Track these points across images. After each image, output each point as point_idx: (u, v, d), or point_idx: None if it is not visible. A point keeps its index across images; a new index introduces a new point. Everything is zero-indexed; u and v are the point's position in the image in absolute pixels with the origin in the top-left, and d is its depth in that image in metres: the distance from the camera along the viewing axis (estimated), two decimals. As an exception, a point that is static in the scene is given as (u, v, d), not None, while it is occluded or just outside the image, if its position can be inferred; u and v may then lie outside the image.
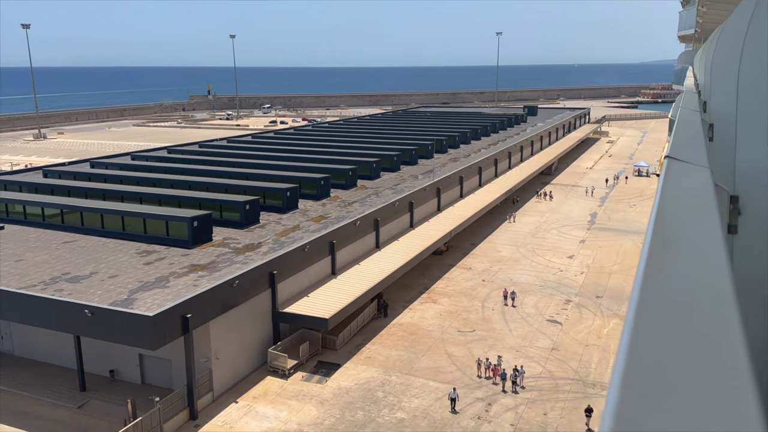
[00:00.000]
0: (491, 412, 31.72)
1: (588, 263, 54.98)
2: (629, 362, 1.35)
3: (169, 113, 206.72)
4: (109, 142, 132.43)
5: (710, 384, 1.27)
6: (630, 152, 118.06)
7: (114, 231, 43.07)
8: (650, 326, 1.54)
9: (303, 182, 54.33)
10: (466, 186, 68.76)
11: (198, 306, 31.49)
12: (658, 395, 1.22)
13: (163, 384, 34.31)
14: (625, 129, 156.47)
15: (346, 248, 45.22)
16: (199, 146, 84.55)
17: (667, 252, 2.16)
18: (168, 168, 63.20)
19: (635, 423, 1.13)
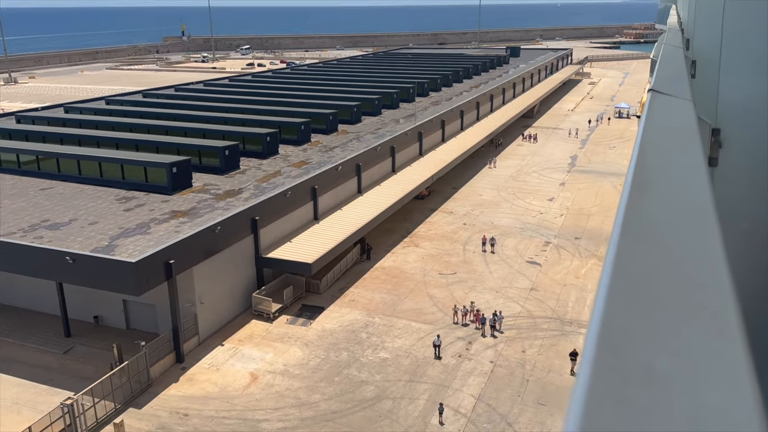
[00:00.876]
0: (471, 350, 32.65)
1: (567, 205, 55.66)
2: (614, 284, 1.37)
3: (143, 56, 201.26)
4: (82, 86, 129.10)
5: (693, 302, 1.30)
6: (611, 94, 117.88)
7: (91, 177, 42.53)
8: (634, 251, 1.56)
9: (283, 127, 53.72)
10: (448, 130, 68.50)
11: (180, 252, 31.55)
12: (643, 314, 1.25)
13: (148, 329, 34.66)
14: (606, 70, 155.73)
15: (328, 193, 45.23)
16: (175, 90, 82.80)
17: (650, 181, 2.20)
18: (144, 113, 61.98)
19: (620, 339, 1.15)
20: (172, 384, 30.36)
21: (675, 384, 1.01)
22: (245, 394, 29.30)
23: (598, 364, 1.07)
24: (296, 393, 29.32)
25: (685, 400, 0.97)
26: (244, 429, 26.90)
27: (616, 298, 1.30)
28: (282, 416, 27.68)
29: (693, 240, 1.64)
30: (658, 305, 1.29)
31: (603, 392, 0.99)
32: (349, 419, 27.36)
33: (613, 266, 1.44)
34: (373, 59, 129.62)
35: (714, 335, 1.17)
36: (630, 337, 1.17)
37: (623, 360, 1.09)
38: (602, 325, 1.20)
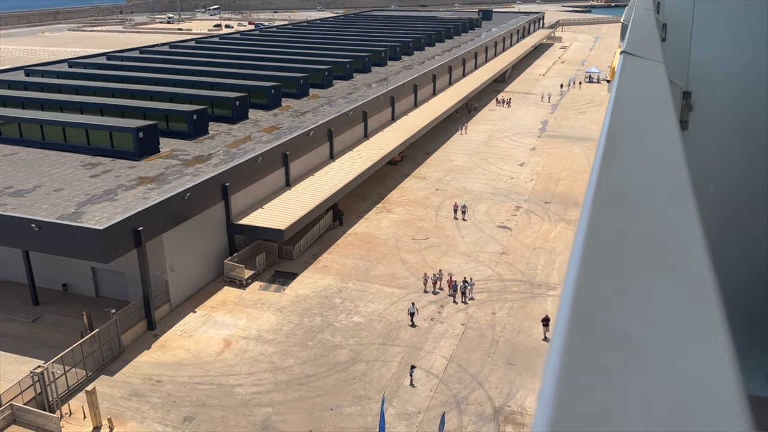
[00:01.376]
0: (443, 314, 33.12)
1: (538, 170, 56.16)
2: (587, 249, 1.35)
3: (106, 17, 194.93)
4: (43, 49, 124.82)
5: (667, 266, 1.28)
6: (582, 58, 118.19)
7: (55, 143, 41.45)
8: (606, 216, 1.55)
9: (252, 91, 52.80)
10: (420, 94, 68.14)
11: (149, 219, 31.16)
12: (616, 279, 1.23)
13: (118, 296, 34.37)
14: (578, 34, 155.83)
15: (299, 159, 44.88)
16: (140, 52, 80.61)
17: (623, 144, 2.19)
18: (108, 76, 60.28)
19: (594, 304, 1.14)
20: (144, 351, 30.29)
21: (649, 349, 1.00)
22: (219, 360, 29.40)
23: (572, 331, 1.05)
24: (270, 358, 29.51)
25: (659, 366, 0.95)
26: (219, 394, 27.06)
27: (589, 264, 1.28)
28: (256, 381, 27.88)
29: (666, 204, 1.63)
30: (631, 270, 1.27)
31: (577, 359, 0.97)
32: (323, 382, 27.70)
33: (586, 231, 1.43)
34: (344, 22, 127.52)
35: (688, 299, 1.15)
36: (603, 303, 1.15)
37: (597, 326, 1.07)
38: (575, 291, 1.18)
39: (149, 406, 26.42)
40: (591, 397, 0.88)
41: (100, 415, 25.52)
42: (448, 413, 24.94)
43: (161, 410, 26.16)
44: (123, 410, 26.20)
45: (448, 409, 25.59)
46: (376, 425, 24.57)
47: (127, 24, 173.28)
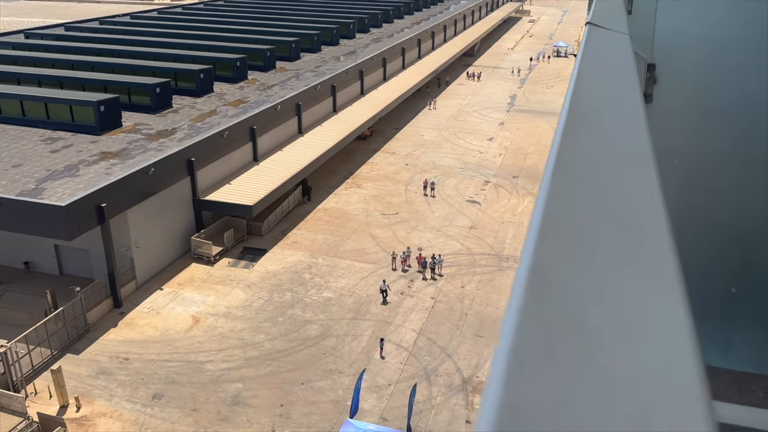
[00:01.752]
0: (413, 288, 33.38)
1: (506, 145, 56.53)
2: (544, 226, 1.28)
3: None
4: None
5: (629, 245, 1.22)
6: (550, 32, 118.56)
7: (13, 117, 40.17)
8: (566, 191, 1.49)
9: (217, 63, 51.76)
10: (389, 68, 67.69)
11: (113, 195, 30.60)
12: (575, 258, 1.17)
13: (82, 274, 33.80)
14: (546, 8, 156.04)
15: (267, 134, 44.36)
16: (99, 23, 78.16)
17: (585, 115, 2.13)
18: (67, 47, 58.34)
19: (549, 286, 1.07)
20: (110, 329, 29.95)
21: (606, 336, 0.93)
22: (187, 337, 29.23)
23: (524, 316, 0.98)
24: (240, 334, 29.44)
25: (615, 355, 0.89)
26: (188, 371, 26.96)
27: (546, 242, 1.21)
28: (226, 357, 27.83)
29: (629, 179, 1.56)
30: (590, 248, 1.21)
31: (528, 349, 0.90)
32: (294, 357, 27.79)
33: (544, 207, 1.36)
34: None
35: (649, 279, 1.09)
36: (560, 284, 1.08)
37: (551, 310, 1.00)
38: (531, 271, 1.10)
39: (117, 384, 26.20)
40: (541, 389, 0.82)
41: (67, 394, 25.26)
42: (418, 384, 25.29)
43: (129, 388, 25.98)
44: (90, 389, 25.95)
45: (418, 381, 25.95)
46: (347, 398, 24.81)
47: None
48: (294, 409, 24.85)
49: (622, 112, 2.22)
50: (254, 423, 24.15)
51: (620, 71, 2.86)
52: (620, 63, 3.04)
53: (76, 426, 24.09)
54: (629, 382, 0.82)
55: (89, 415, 24.68)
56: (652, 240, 1.23)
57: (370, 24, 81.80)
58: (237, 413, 24.63)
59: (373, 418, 24.24)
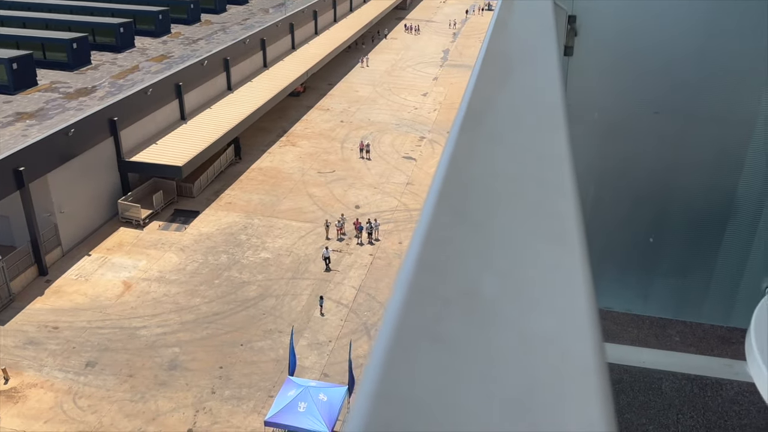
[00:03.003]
0: (351, 246, 33.55)
1: (440, 100, 56.76)
2: (445, 184, 1.17)
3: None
4: None
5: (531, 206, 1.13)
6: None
7: None
8: (470, 144, 1.40)
9: (138, 16, 49.30)
10: (320, 21, 66.27)
11: (31, 158, 29.21)
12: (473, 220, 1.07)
13: (3, 242, 32.23)
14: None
15: (194, 91, 42.96)
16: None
17: (498, 69, 2.03)
18: (-30, 0, 54.37)
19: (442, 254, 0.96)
20: (37, 298, 28.92)
21: (498, 309, 0.84)
22: (119, 303, 28.58)
23: (412, 289, 0.87)
24: (174, 298, 29.00)
25: (507, 328, 0.80)
26: (122, 337, 26.45)
27: (444, 201, 1.11)
28: (161, 322, 27.42)
29: (537, 138, 1.47)
30: (491, 209, 1.10)
31: (413, 323, 0.80)
32: (232, 319, 27.65)
33: (445, 170, 1.24)
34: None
35: (550, 246, 1.00)
36: (454, 251, 0.97)
37: (442, 282, 0.90)
38: (424, 237, 1.00)
39: (47, 354, 25.48)
40: (421, 370, 0.72)
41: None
42: (357, 340, 25.71)
43: (60, 357, 25.32)
44: (18, 359, 25.14)
45: (357, 336, 26.37)
46: (287, 357, 24.98)
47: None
48: (234, 370, 24.86)
49: (536, 64, 2.13)
50: (193, 386, 24.06)
51: (537, 23, 2.75)
52: (537, 13, 2.93)
53: (5, 398, 23.39)
54: (520, 357, 0.74)
55: (18, 386, 23.98)
56: (556, 201, 1.14)
57: (300, -24, 79.44)
58: (175, 377, 24.45)
59: (314, 374, 24.56)
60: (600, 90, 4.19)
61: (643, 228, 4.33)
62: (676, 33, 3.93)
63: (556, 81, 1.82)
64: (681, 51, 3.96)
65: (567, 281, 0.90)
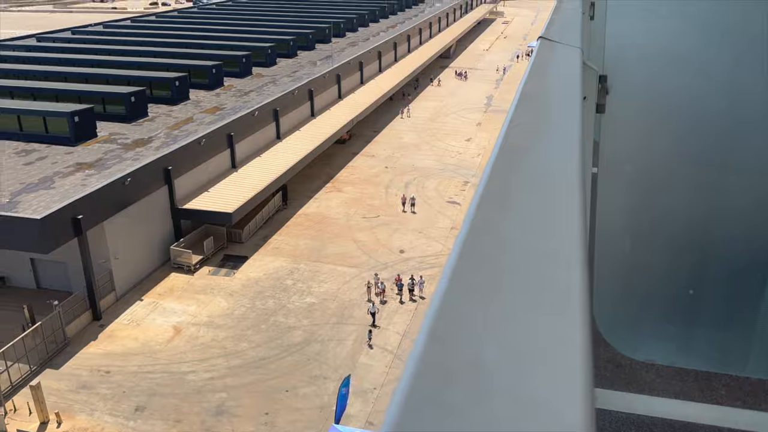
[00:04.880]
0: (395, 291, 33.25)
1: (484, 145, 56.79)
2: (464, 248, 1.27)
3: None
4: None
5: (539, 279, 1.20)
6: (524, 33, 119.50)
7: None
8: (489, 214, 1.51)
9: (193, 71, 51.35)
10: (366, 71, 67.69)
11: (89, 206, 30.18)
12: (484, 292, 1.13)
13: (60, 287, 33.26)
14: (519, 9, 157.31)
15: (245, 140, 44.08)
16: (72, 33, 77.24)
17: (526, 121, 2.19)
18: (40, 58, 57.54)
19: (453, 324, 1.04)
20: (90, 342, 29.48)
21: (497, 380, 0.91)
22: (169, 348, 28.85)
23: (423, 358, 0.96)
24: (222, 343, 29.13)
25: (507, 398, 0.87)
26: (170, 382, 26.60)
27: (458, 278, 1.18)
28: (209, 367, 27.50)
29: (551, 202, 1.57)
30: (499, 284, 1.18)
31: (421, 391, 0.88)
32: (278, 365, 27.55)
33: (463, 240, 1.34)
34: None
35: (553, 321, 1.07)
36: (463, 324, 1.05)
37: (451, 351, 0.98)
38: (437, 309, 1.07)
39: (98, 398, 25.77)
40: None
41: (47, 410, 24.80)
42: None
43: (111, 401, 25.56)
44: (71, 403, 25.49)
45: (403, 384, 25.85)
46: (332, 404, 24.63)
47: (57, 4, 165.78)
48: (279, 416, 24.62)
49: (560, 124, 2.24)
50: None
51: (565, 81, 2.89)
52: (567, 74, 3.04)
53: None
54: (514, 422, 0.82)
55: (70, 430, 24.25)
56: (562, 273, 1.20)
57: (346, 28, 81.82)
58: (221, 423, 24.35)
59: (359, 422, 24.10)
60: (632, 143, 4.24)
61: (683, 280, 4.27)
62: (703, 88, 3.95)
63: (576, 145, 1.91)
64: (709, 106, 3.97)
65: (563, 350, 0.98)
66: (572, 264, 1.22)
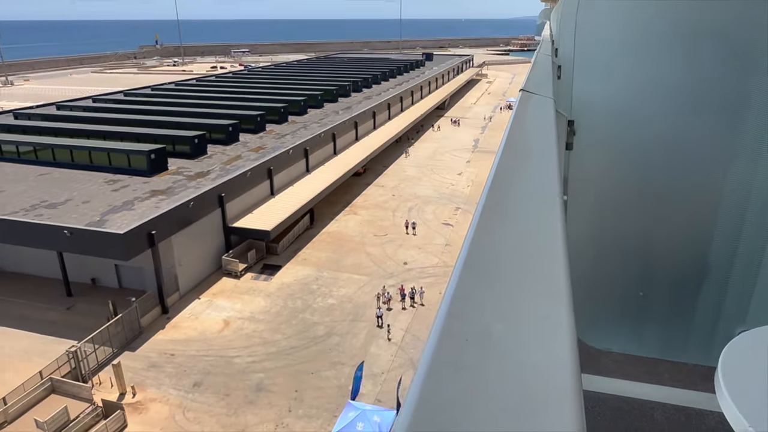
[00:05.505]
0: (399, 299, 33.19)
1: (472, 178, 56.81)
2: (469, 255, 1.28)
3: (123, 61, 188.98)
4: (71, 88, 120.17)
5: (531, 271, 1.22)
6: (504, 90, 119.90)
7: (82, 164, 40.17)
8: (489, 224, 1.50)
9: (242, 119, 52.00)
10: (378, 119, 68.16)
11: (160, 224, 30.55)
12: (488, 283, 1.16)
13: (137, 287, 33.55)
14: (499, 72, 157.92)
15: (281, 173, 44.45)
16: (151, 89, 78.46)
17: (513, 160, 2.18)
18: (125, 108, 58.61)
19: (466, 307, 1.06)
20: (159, 331, 29.63)
21: (502, 345, 0.94)
22: (220, 337, 28.94)
23: (442, 332, 0.98)
24: (261, 334, 29.19)
25: (509, 360, 0.90)
26: (221, 364, 26.67)
27: (467, 270, 1.21)
28: (251, 353, 27.56)
29: (537, 218, 1.55)
30: (500, 275, 1.19)
31: (442, 356, 0.91)
32: (305, 352, 27.55)
33: (470, 240, 1.36)
34: (316, 62, 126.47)
35: (543, 301, 1.09)
36: (472, 305, 1.07)
37: (463, 326, 1.00)
38: (452, 295, 1.11)
39: (165, 375, 25.88)
40: (448, 389, 0.84)
41: (125, 384, 24.96)
42: (404, 372, 25.11)
43: (174, 378, 25.66)
44: (143, 379, 25.62)
45: (404, 369, 25.76)
46: (348, 384, 24.58)
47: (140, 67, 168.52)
48: (306, 393, 24.59)
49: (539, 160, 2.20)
50: (274, 405, 23.87)
51: (543, 126, 2.89)
52: (543, 120, 3.06)
53: (131, 409, 23.75)
54: (517, 379, 0.85)
55: (142, 400, 24.35)
56: (549, 268, 1.21)
57: (363, 85, 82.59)
58: (260, 397, 24.35)
59: (369, 400, 24.00)
60: (595, 175, 4.24)
61: (635, 283, 4.26)
62: (649, 131, 3.93)
63: (555, 173, 1.93)
64: (655, 144, 3.94)
65: (553, 325, 0.98)
66: (557, 261, 1.23)
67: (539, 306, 1.07)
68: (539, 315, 1.04)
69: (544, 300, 1.09)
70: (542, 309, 1.06)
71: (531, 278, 1.18)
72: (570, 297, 1.10)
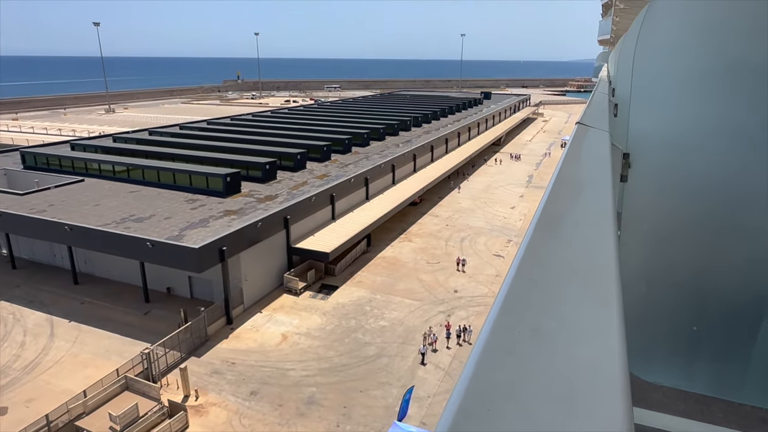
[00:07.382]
0: (444, 334, 32.52)
1: (525, 212, 55.54)
2: (522, 263, 1.29)
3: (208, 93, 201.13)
4: (162, 116, 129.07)
5: (582, 278, 1.23)
6: (559, 129, 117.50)
7: (167, 184, 42.64)
8: (542, 238, 1.50)
9: (310, 148, 53.68)
10: (435, 153, 68.34)
11: (231, 241, 31.60)
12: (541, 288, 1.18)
13: (206, 298, 34.74)
14: (555, 111, 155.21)
15: (343, 199, 45.17)
16: (231, 119, 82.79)
17: (565, 190, 2.16)
18: (207, 135, 62.03)
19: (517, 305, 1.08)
20: (223, 340, 30.40)
21: (554, 340, 0.96)
22: (277, 350, 29.32)
23: (496, 323, 1.01)
24: (316, 350, 29.32)
25: (559, 352, 0.91)
26: (276, 375, 26.94)
27: (521, 274, 1.23)
28: (305, 367, 27.71)
29: (591, 233, 1.56)
30: (554, 282, 1.22)
31: (496, 343, 0.95)
32: (355, 371, 27.38)
33: (524, 250, 1.37)
34: (381, 98, 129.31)
35: (596, 305, 1.09)
36: (526, 304, 1.10)
37: (516, 321, 1.03)
38: (506, 294, 1.13)
39: (225, 382, 26.41)
40: (500, 372, 0.87)
41: (189, 387, 25.63)
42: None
43: (234, 385, 26.13)
44: (206, 384, 26.25)
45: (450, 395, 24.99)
46: (395, 405, 24.13)
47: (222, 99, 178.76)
48: (354, 410, 24.33)
49: (593, 192, 2.21)
50: (324, 419, 23.75)
51: (597, 157, 2.85)
52: (599, 152, 3.02)
53: (194, 411, 24.31)
54: (563, 376, 0.85)
55: (204, 404, 24.89)
56: (601, 277, 1.23)
57: (423, 121, 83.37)
58: (311, 410, 24.32)
59: (414, 422, 23.42)
60: (649, 206, 4.13)
61: (687, 318, 4.04)
62: (704, 162, 3.79)
63: (608, 202, 1.89)
64: (710, 176, 3.81)
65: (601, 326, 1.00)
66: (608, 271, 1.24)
67: (589, 309, 1.08)
68: (589, 317, 1.05)
69: (594, 304, 1.10)
70: (592, 312, 1.07)
71: (581, 285, 1.19)
72: (620, 304, 1.09)
